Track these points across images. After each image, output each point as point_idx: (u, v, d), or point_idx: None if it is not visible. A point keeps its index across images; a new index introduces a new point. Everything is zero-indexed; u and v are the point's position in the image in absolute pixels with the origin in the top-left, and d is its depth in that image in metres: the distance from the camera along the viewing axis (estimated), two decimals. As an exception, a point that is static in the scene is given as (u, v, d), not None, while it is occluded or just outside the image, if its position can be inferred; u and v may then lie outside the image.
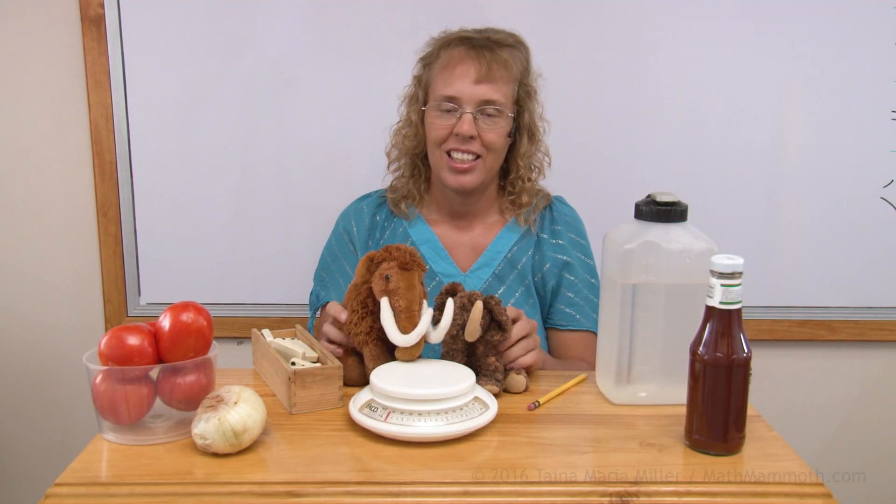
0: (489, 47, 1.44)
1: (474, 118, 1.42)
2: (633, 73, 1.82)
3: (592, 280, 1.54)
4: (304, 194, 1.87)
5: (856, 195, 1.87)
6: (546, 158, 1.57)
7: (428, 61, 1.50)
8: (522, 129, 1.50)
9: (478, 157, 1.44)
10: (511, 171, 1.53)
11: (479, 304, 1.16)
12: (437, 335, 1.16)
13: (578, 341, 1.51)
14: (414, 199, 1.55)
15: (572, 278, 1.52)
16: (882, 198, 1.88)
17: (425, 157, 1.54)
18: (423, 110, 1.48)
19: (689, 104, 1.84)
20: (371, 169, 1.75)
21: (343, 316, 1.23)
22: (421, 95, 1.50)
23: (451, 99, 1.43)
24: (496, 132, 1.44)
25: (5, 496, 2.03)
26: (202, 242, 1.89)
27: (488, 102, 1.42)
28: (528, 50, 1.51)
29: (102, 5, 1.78)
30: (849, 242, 1.89)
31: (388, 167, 1.59)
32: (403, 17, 1.78)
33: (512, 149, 1.51)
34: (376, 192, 1.62)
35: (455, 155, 1.44)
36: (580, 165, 1.86)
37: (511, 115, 1.46)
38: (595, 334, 1.51)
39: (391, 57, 1.77)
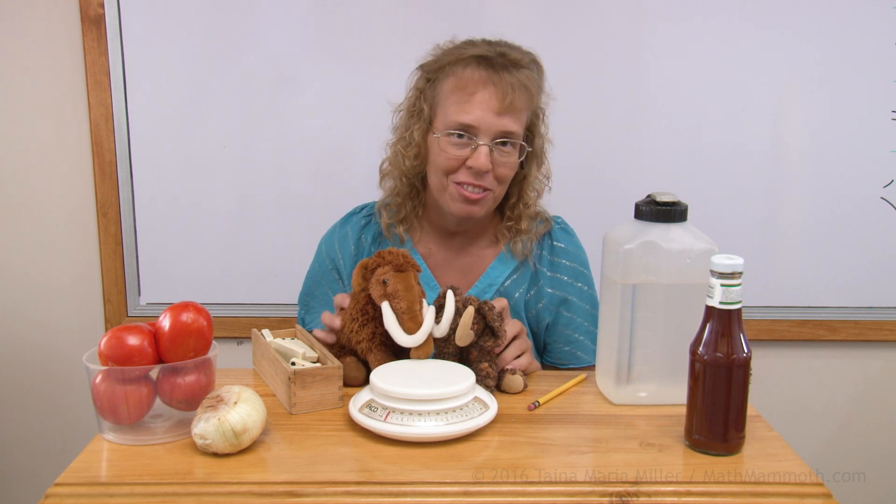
0: (508, 69, 1.32)
1: (490, 150, 1.32)
2: (633, 73, 1.83)
3: (595, 311, 1.48)
4: (304, 194, 1.87)
5: (856, 195, 1.88)
6: (546, 182, 1.47)
7: (435, 75, 1.37)
8: (532, 158, 1.41)
9: (486, 189, 1.35)
10: (512, 196, 1.44)
11: (470, 310, 1.15)
12: (441, 329, 1.16)
13: None
14: (411, 224, 1.46)
15: (570, 315, 1.47)
16: (882, 198, 1.88)
17: (423, 176, 1.44)
18: (436, 137, 1.35)
19: (689, 104, 1.84)
20: (371, 169, 1.73)
21: (337, 322, 1.23)
22: (426, 112, 1.37)
23: (467, 128, 1.31)
24: (510, 166, 1.35)
25: (5, 496, 2.03)
26: (202, 242, 1.89)
27: (507, 135, 1.32)
28: (542, 71, 1.39)
29: (102, 5, 1.78)
30: (849, 242, 1.90)
31: (381, 182, 1.49)
32: (404, 18, 1.78)
33: (516, 175, 1.42)
34: (360, 210, 1.54)
35: (467, 187, 1.34)
36: (580, 166, 1.86)
37: (523, 143, 1.36)
38: None
39: (391, 57, 1.77)
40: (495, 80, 1.31)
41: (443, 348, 1.19)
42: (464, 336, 1.15)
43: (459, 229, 1.46)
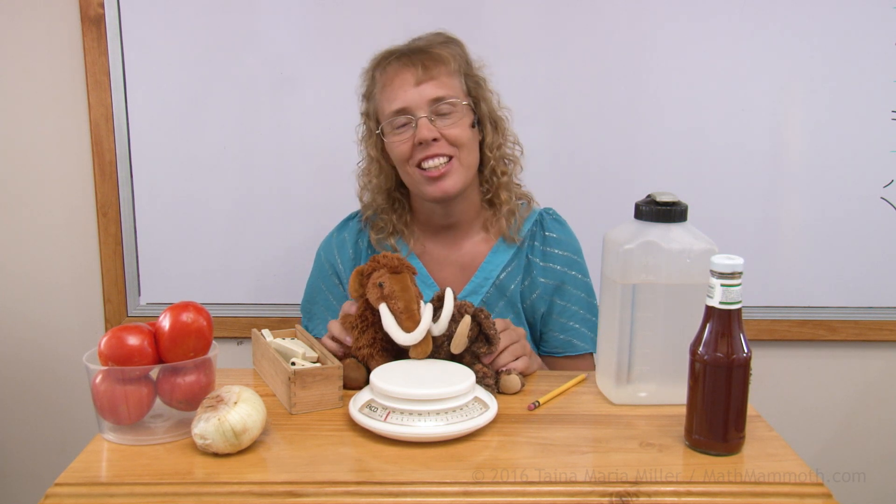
0: (419, 50, 1.40)
1: (430, 121, 1.36)
2: (633, 73, 1.83)
3: (590, 299, 1.50)
4: (304, 194, 1.87)
5: (856, 195, 1.87)
6: (518, 148, 1.49)
7: (369, 91, 1.46)
8: (484, 120, 1.44)
9: (450, 158, 1.38)
10: (485, 167, 1.46)
11: (467, 318, 1.15)
12: (440, 327, 1.16)
13: (578, 367, 1.48)
14: (402, 234, 1.49)
15: (564, 303, 1.48)
16: (882, 198, 1.88)
17: (399, 187, 1.48)
18: (378, 134, 1.42)
19: (689, 104, 1.84)
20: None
21: (348, 339, 1.23)
22: (373, 126, 1.44)
23: (401, 112, 1.37)
24: (458, 126, 1.38)
25: (5, 496, 2.03)
26: (202, 242, 1.89)
27: (437, 100, 1.37)
28: (460, 43, 1.45)
29: (102, 5, 1.78)
30: (849, 242, 1.89)
31: (364, 212, 1.52)
32: (403, 18, 1.78)
33: (481, 144, 1.45)
34: (355, 215, 1.56)
35: (426, 164, 1.37)
36: (580, 166, 1.86)
37: (467, 104, 1.40)
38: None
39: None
40: (406, 62, 1.39)
41: (435, 354, 1.18)
42: (459, 343, 1.15)
43: (448, 221, 1.48)
